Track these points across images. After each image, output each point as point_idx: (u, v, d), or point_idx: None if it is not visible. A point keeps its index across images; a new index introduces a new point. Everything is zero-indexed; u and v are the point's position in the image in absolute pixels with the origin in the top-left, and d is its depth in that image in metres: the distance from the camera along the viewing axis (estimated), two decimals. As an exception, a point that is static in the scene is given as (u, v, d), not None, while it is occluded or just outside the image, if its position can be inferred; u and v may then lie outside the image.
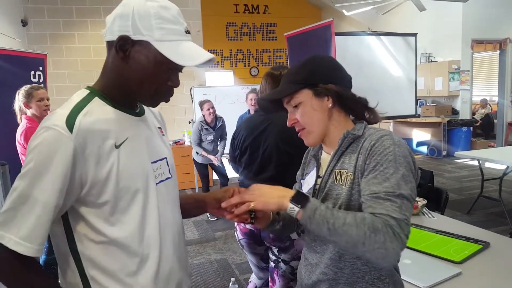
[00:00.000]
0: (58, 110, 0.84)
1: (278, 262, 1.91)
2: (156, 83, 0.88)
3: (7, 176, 1.77)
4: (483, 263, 1.52)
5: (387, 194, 0.86)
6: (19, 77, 3.66)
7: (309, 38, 4.67)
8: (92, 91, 0.90)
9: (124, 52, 0.85)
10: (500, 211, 4.19)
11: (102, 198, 0.84)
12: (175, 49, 0.84)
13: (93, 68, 6.51)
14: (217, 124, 4.59)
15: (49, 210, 0.79)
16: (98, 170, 0.82)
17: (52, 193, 0.78)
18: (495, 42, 7.94)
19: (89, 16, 6.51)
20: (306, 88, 1.01)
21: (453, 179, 5.98)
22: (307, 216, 0.87)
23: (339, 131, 1.02)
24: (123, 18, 0.84)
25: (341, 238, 0.85)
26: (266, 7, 10.78)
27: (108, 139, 0.84)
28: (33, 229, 0.78)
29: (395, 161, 0.89)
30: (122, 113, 0.91)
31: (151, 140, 0.97)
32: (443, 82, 7.94)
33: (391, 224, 0.82)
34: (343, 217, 0.85)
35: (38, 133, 0.80)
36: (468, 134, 7.85)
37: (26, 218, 0.77)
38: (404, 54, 5.10)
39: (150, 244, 0.91)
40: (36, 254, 0.79)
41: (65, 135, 0.79)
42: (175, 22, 0.86)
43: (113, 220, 0.86)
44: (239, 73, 10.50)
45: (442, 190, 2.53)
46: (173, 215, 1.00)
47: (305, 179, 1.13)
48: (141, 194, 0.89)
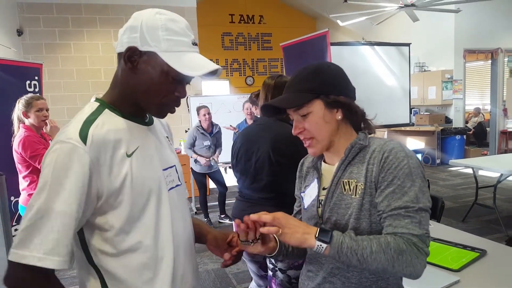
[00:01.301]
0: (70, 125, 0.85)
1: (276, 271, 1.90)
2: (163, 94, 0.89)
3: (4, 187, 1.76)
4: (480, 271, 1.53)
5: (407, 210, 0.89)
6: (15, 86, 3.64)
7: (305, 48, 4.72)
8: (102, 104, 0.92)
9: (132, 62, 0.87)
10: (494, 219, 4.22)
11: (118, 206, 0.85)
12: (180, 59, 0.86)
13: (89, 77, 6.51)
14: (213, 130, 4.62)
15: (70, 220, 0.78)
16: (112, 180, 0.84)
17: (71, 204, 0.78)
18: (487, 51, 8.08)
19: (85, 26, 6.53)
20: (318, 99, 0.98)
21: (447, 187, 6.02)
22: (335, 252, 0.88)
23: (344, 141, 1.02)
24: (132, 30, 0.87)
25: (371, 265, 0.87)
26: (262, 17, 10.90)
27: (120, 148, 0.86)
28: (57, 241, 0.77)
29: (411, 173, 0.91)
30: (132, 123, 0.93)
31: (161, 149, 0.98)
32: (436, 91, 8.04)
33: (414, 242, 0.87)
34: (369, 246, 0.87)
35: (52, 148, 0.81)
36: (462, 143, 7.93)
37: (49, 231, 0.76)
38: (398, 64, 5.16)
39: (164, 249, 0.92)
40: (63, 266, 0.78)
41: (80, 147, 0.80)
42: (182, 34, 0.88)
43: (128, 228, 0.87)
44: (235, 83, 10.56)
45: (438, 198, 2.55)
46: (184, 221, 1.01)
47: (306, 192, 1.11)
48: (154, 200, 0.90)
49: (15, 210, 3.32)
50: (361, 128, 1.05)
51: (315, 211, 1.04)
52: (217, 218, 4.87)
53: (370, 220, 0.94)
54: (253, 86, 10.75)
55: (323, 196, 1.03)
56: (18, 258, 0.75)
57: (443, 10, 5.92)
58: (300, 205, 1.17)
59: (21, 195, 2.58)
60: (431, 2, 5.65)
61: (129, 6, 6.50)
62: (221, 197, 4.78)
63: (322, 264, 1.03)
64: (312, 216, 1.05)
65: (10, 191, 1.85)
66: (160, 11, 0.88)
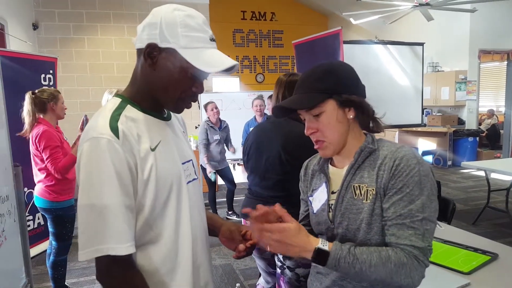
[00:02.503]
0: (97, 121, 0.86)
1: (284, 268, 1.91)
2: (181, 89, 0.91)
3: (20, 178, 1.79)
4: (491, 274, 1.51)
5: (412, 220, 0.89)
6: (30, 79, 3.71)
7: (317, 46, 4.70)
8: (123, 99, 0.94)
9: (152, 59, 0.88)
10: (506, 223, 4.16)
11: (145, 197, 0.87)
12: (199, 56, 0.87)
13: (102, 72, 6.58)
14: (222, 125, 4.68)
15: (121, 211, 0.82)
16: (140, 172, 0.86)
17: (116, 195, 0.81)
18: (503, 52, 7.93)
19: (99, 20, 6.59)
20: (331, 98, 0.97)
21: (458, 189, 5.95)
22: (332, 267, 0.89)
23: (355, 144, 1.01)
24: (152, 26, 0.88)
25: (369, 277, 0.89)
26: (273, 14, 10.86)
27: (144, 143, 0.88)
28: (118, 230, 0.81)
29: (420, 182, 0.91)
30: (153, 118, 0.95)
31: (179, 143, 1.01)
32: (449, 91, 7.93)
33: (415, 254, 0.88)
34: (368, 260, 0.87)
35: (85, 146, 0.83)
36: (474, 144, 7.81)
37: (110, 224, 0.80)
38: (411, 63, 5.10)
39: (184, 241, 0.94)
40: (128, 251, 0.82)
41: (114, 141, 0.82)
42: (200, 30, 0.89)
43: (152, 221, 0.89)
44: (245, 80, 10.55)
45: (449, 200, 2.52)
46: (200, 213, 1.03)
47: (314, 196, 1.09)
48: (175, 193, 0.92)
49: (28, 201, 3.40)
50: (369, 127, 1.04)
51: (326, 216, 1.03)
52: (225, 214, 4.90)
53: (382, 225, 0.94)
54: (263, 84, 10.74)
55: (333, 200, 1.02)
56: (94, 253, 0.80)
57: (459, 9, 5.83)
58: (307, 209, 1.16)
59: (37, 187, 2.63)
60: (446, 1, 5.57)
61: (143, 2, 6.53)
62: (229, 194, 4.81)
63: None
64: (322, 220, 1.04)
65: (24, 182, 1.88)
66: (178, 7, 0.89)
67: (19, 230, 1.78)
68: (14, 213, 1.73)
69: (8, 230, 1.64)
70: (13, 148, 1.80)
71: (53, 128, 2.63)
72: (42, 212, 2.67)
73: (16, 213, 1.76)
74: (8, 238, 1.64)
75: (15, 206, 1.75)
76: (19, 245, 1.78)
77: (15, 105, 2.64)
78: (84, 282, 3.15)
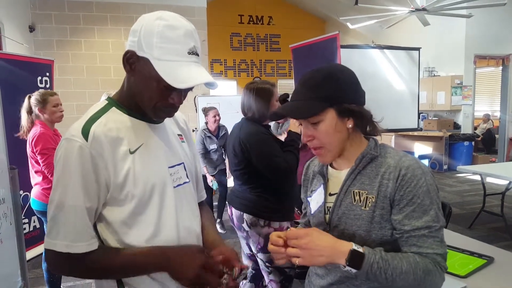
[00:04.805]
0: (76, 123, 0.90)
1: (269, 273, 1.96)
2: (156, 99, 0.90)
3: (16, 181, 1.78)
4: (487, 278, 1.52)
5: (431, 231, 0.91)
6: (26, 82, 3.69)
7: (314, 50, 4.72)
8: (110, 102, 0.95)
9: (130, 65, 0.89)
10: (502, 227, 4.18)
11: (122, 199, 0.89)
12: (171, 69, 0.85)
13: (99, 75, 6.57)
14: (220, 133, 4.47)
15: (81, 212, 0.85)
16: (116, 174, 0.87)
17: (79, 197, 0.84)
18: (498, 57, 8.00)
19: (96, 23, 6.58)
20: (331, 108, 0.94)
21: (454, 193, 5.97)
22: (364, 273, 0.87)
23: (355, 149, 1.00)
24: (133, 33, 0.88)
25: (399, 284, 0.89)
26: (271, 18, 10.91)
27: (122, 145, 0.89)
28: (76, 231, 0.85)
29: (429, 191, 0.92)
30: (138, 121, 0.95)
31: (168, 146, 1.00)
32: (445, 96, 7.98)
33: (439, 261, 0.92)
34: (400, 266, 0.88)
35: (60, 146, 0.88)
36: (470, 149, 7.86)
37: (68, 223, 0.85)
38: (407, 68, 5.13)
39: (168, 245, 0.94)
40: (91, 247, 0.87)
41: (81, 142, 0.85)
42: (178, 42, 0.86)
43: (131, 222, 0.90)
44: (243, 83, 10.53)
45: (445, 204, 2.52)
46: (192, 215, 1.03)
47: (312, 197, 1.10)
48: (157, 196, 0.92)
49: (23, 204, 3.37)
50: (365, 130, 1.02)
51: (323, 218, 1.03)
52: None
53: (382, 233, 0.94)
54: (260, 87, 10.75)
55: (331, 203, 1.02)
56: (51, 246, 0.86)
57: (455, 15, 5.89)
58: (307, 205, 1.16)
59: (34, 189, 2.61)
60: (442, 6, 5.62)
61: (140, 4, 6.54)
62: (221, 201, 4.64)
63: (329, 270, 1.02)
64: (319, 222, 1.04)
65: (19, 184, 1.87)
66: (162, 16, 0.86)
67: (15, 233, 1.77)
68: (10, 216, 1.72)
69: (4, 233, 1.64)
70: (10, 149, 1.79)
71: (50, 131, 2.61)
72: (39, 215, 2.66)
73: (12, 216, 1.75)
74: (4, 241, 1.63)
75: (11, 209, 1.75)
76: (15, 248, 1.77)
77: (11, 108, 2.63)
78: (80, 286, 3.13)
